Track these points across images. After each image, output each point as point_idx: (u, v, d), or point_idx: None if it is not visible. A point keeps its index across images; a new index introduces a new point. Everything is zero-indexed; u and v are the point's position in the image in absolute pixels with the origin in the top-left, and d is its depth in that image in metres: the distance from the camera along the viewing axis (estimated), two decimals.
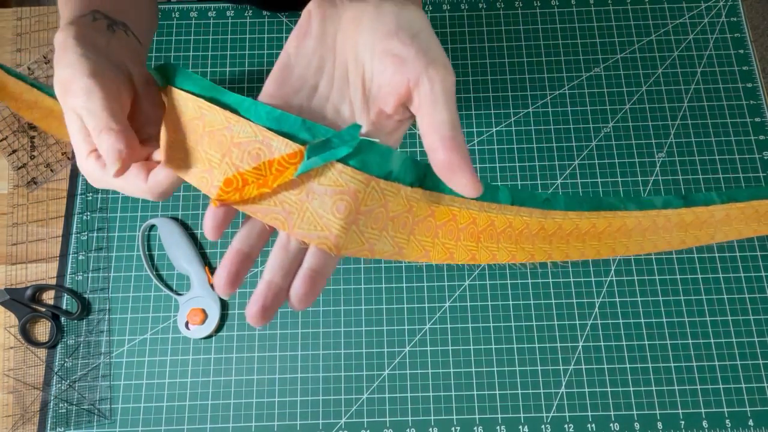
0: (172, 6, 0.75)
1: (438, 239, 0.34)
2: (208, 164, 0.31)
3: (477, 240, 0.35)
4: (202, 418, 0.59)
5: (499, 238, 0.36)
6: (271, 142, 0.30)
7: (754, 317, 0.62)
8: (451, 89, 0.30)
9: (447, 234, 0.34)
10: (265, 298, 0.31)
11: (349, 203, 0.30)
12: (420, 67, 0.30)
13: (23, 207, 0.66)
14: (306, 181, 0.30)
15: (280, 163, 0.30)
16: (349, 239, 0.30)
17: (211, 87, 0.32)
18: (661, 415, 0.58)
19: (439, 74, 0.30)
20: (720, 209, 0.48)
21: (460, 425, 0.58)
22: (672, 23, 0.74)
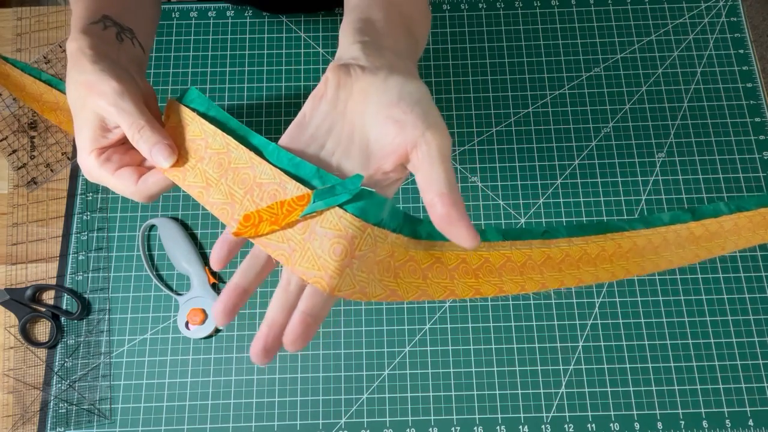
0: (172, 6, 0.75)
1: (429, 279, 0.36)
2: (230, 197, 0.35)
3: (475, 276, 0.37)
4: (202, 418, 0.59)
5: (500, 272, 0.37)
6: (287, 185, 0.33)
7: (754, 317, 0.62)
8: (446, 151, 0.33)
9: (437, 274, 0.36)
10: (266, 339, 0.33)
11: (345, 247, 0.32)
12: (418, 131, 0.33)
13: (23, 207, 0.66)
14: (310, 222, 0.33)
15: (290, 204, 0.33)
16: (343, 281, 0.32)
17: (240, 127, 0.36)
18: (661, 415, 0.58)
19: (436, 138, 0.33)
20: (728, 219, 0.49)
21: (460, 425, 0.58)
22: (672, 23, 0.74)
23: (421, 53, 0.46)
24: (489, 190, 0.66)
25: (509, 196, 0.66)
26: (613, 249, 0.41)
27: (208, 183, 0.35)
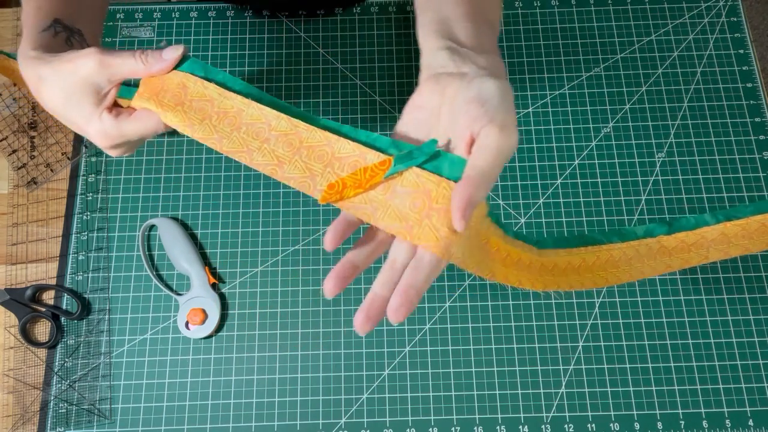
0: (172, 6, 0.75)
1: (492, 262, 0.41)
2: (309, 172, 0.39)
3: (528, 271, 0.42)
4: (202, 418, 0.59)
5: (518, 265, 0.42)
6: (367, 155, 0.38)
7: (754, 317, 0.62)
8: (503, 147, 0.36)
9: (505, 263, 0.42)
10: (369, 309, 0.36)
11: (423, 200, 0.36)
12: (481, 124, 0.36)
13: (23, 207, 0.66)
14: (391, 184, 0.37)
15: (372, 169, 0.37)
16: (422, 232, 0.36)
17: (306, 115, 0.41)
18: (661, 415, 0.58)
19: (495, 132, 0.36)
20: (712, 230, 0.50)
21: (460, 425, 0.58)
22: (672, 23, 0.74)
23: (498, 32, 0.48)
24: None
25: (509, 196, 0.66)
26: (592, 260, 0.45)
27: (280, 161, 0.39)
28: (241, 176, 0.67)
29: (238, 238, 0.65)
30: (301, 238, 0.65)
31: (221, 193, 0.67)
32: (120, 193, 0.67)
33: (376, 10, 0.75)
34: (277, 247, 0.65)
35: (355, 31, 0.73)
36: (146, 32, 0.73)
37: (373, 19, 0.74)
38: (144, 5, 0.75)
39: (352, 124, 0.69)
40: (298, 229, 0.65)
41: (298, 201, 0.66)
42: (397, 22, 0.74)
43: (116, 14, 0.74)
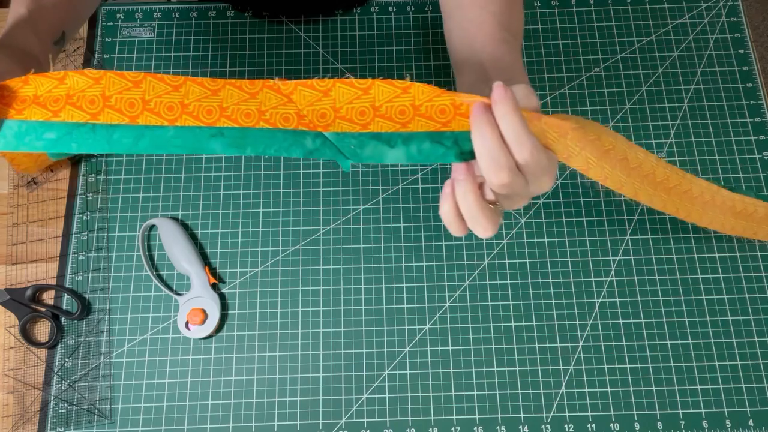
0: (172, 6, 0.75)
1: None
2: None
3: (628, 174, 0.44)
4: (202, 418, 0.59)
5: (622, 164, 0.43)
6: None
7: (754, 317, 0.62)
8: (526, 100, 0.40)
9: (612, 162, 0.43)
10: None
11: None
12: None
13: (23, 207, 0.66)
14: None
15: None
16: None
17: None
18: (661, 415, 0.58)
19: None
20: (761, 206, 0.54)
21: (460, 425, 0.58)
22: (672, 23, 0.74)
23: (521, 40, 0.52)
24: None
25: None
26: (674, 183, 0.46)
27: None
28: (241, 176, 0.67)
29: (238, 238, 0.65)
30: (301, 238, 0.65)
31: (221, 193, 0.67)
32: (120, 193, 0.67)
33: (376, 11, 0.75)
34: (277, 247, 0.65)
35: (355, 32, 0.73)
36: (146, 32, 0.73)
37: (373, 20, 0.74)
38: (144, 5, 0.75)
39: None
40: (298, 229, 0.65)
41: (298, 201, 0.66)
42: (397, 23, 0.74)
43: (116, 14, 0.74)
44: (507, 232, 0.65)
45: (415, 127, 0.39)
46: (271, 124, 0.39)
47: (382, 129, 0.39)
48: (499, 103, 0.37)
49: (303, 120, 0.40)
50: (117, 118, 0.39)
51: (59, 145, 0.39)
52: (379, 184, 0.67)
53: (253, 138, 0.39)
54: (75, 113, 0.39)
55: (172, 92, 0.39)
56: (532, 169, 0.38)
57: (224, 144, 0.39)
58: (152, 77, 0.39)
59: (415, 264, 0.64)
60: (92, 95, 0.39)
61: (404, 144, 0.39)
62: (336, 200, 0.66)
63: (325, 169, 0.67)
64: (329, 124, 0.40)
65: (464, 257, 0.64)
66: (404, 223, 0.65)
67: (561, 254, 0.64)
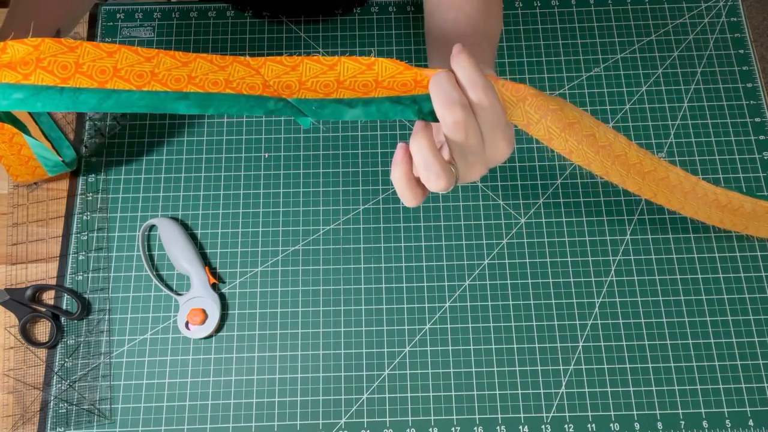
0: (173, 6, 0.75)
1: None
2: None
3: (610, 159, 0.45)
4: (202, 418, 0.59)
5: (606, 150, 0.45)
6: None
7: (754, 317, 0.62)
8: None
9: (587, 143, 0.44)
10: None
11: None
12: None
13: (23, 207, 0.66)
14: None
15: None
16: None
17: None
18: (661, 415, 0.58)
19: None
20: (748, 201, 0.54)
21: (460, 425, 0.58)
22: (672, 23, 0.74)
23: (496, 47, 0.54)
24: (489, 190, 0.66)
25: (509, 196, 0.66)
26: (649, 168, 0.47)
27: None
28: (241, 176, 0.67)
29: (238, 238, 0.65)
30: (301, 238, 0.65)
31: (221, 193, 0.67)
32: (120, 193, 0.67)
33: (376, 11, 0.75)
34: (277, 247, 0.65)
35: (355, 32, 0.73)
36: (146, 32, 0.73)
37: (373, 20, 0.74)
38: (144, 5, 0.75)
39: (352, 123, 0.69)
40: (298, 229, 0.65)
41: (298, 201, 0.66)
42: (397, 23, 0.74)
43: (116, 14, 0.74)
44: (507, 232, 0.65)
45: (376, 95, 0.41)
46: (237, 91, 0.41)
47: (344, 97, 0.41)
48: (455, 56, 0.39)
49: (268, 89, 0.41)
50: (86, 82, 0.40)
51: (25, 104, 0.40)
52: (379, 184, 0.67)
53: (216, 101, 0.41)
54: (45, 77, 0.40)
55: (143, 62, 0.40)
56: (487, 114, 0.39)
57: (188, 105, 0.40)
58: (127, 49, 0.40)
59: (415, 264, 0.64)
60: (65, 61, 0.40)
61: (364, 105, 0.41)
62: (336, 200, 0.66)
63: (325, 169, 0.67)
64: (293, 93, 0.41)
65: (464, 257, 0.64)
66: (404, 223, 0.65)
67: (561, 254, 0.64)
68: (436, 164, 0.39)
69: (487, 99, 0.39)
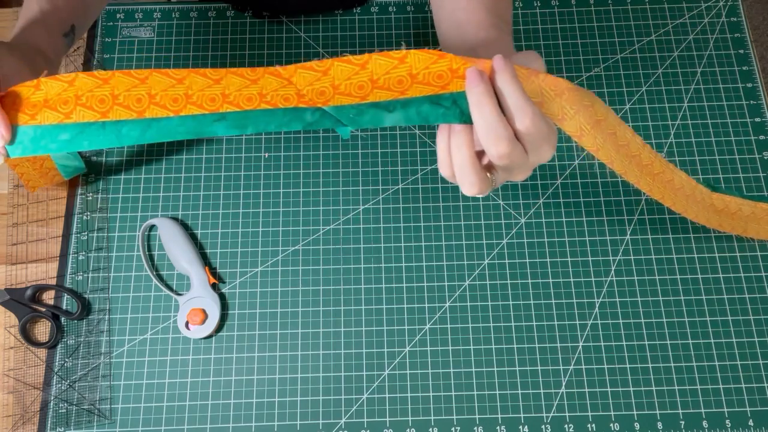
0: (172, 6, 0.75)
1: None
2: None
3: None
4: (202, 418, 0.59)
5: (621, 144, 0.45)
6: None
7: (754, 317, 0.62)
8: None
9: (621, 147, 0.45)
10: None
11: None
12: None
13: (23, 207, 0.66)
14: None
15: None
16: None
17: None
18: (661, 415, 0.58)
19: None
20: (746, 204, 0.55)
21: (460, 425, 0.58)
22: (672, 23, 0.74)
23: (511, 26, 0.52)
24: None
25: (509, 196, 0.66)
26: (659, 170, 0.47)
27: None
28: (241, 176, 0.67)
29: (238, 238, 0.65)
30: (301, 238, 0.65)
31: (221, 193, 0.67)
32: (120, 193, 0.67)
33: (376, 11, 0.75)
34: (277, 247, 0.65)
35: (355, 32, 0.73)
36: (146, 32, 0.73)
37: (373, 20, 0.74)
38: (144, 5, 0.75)
39: None
40: (298, 229, 0.65)
41: (298, 201, 0.66)
42: (397, 23, 0.74)
43: (116, 14, 0.74)
44: (507, 232, 0.65)
45: (413, 94, 0.40)
46: (272, 105, 0.40)
47: (381, 99, 0.40)
48: (498, 72, 0.37)
49: (303, 99, 0.40)
50: (125, 113, 0.40)
51: (72, 144, 0.40)
52: (379, 184, 0.67)
53: (254, 118, 0.40)
54: (86, 113, 0.40)
55: (176, 85, 0.40)
56: (532, 137, 0.38)
57: (226, 126, 0.40)
58: (158, 72, 0.40)
59: (415, 264, 0.64)
60: (101, 95, 0.40)
61: (403, 108, 0.40)
62: (336, 200, 0.66)
63: (325, 169, 0.67)
64: (328, 100, 0.40)
65: (464, 257, 0.64)
66: (404, 223, 0.65)
67: (561, 254, 0.64)
68: (472, 174, 0.38)
69: (534, 126, 0.37)
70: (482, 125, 0.37)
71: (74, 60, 0.72)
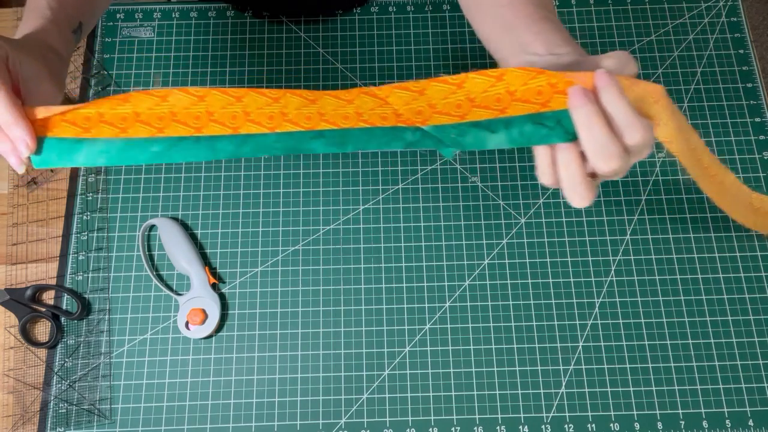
0: (172, 6, 0.75)
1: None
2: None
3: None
4: (202, 418, 0.59)
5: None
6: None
7: (754, 317, 0.62)
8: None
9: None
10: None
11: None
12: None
13: (23, 207, 0.66)
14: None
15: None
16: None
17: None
18: (661, 415, 0.58)
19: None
20: None
21: (460, 425, 0.58)
22: (672, 23, 0.74)
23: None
24: (489, 190, 0.66)
25: (509, 196, 0.66)
26: (715, 170, 0.49)
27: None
28: (241, 176, 0.67)
29: (238, 238, 0.65)
30: (301, 238, 0.65)
31: (221, 193, 0.67)
32: (120, 193, 0.67)
33: (376, 11, 0.75)
34: (277, 247, 0.65)
35: (355, 32, 0.73)
36: (146, 32, 0.73)
37: (373, 20, 0.74)
38: (144, 5, 0.75)
39: None
40: (298, 229, 0.65)
41: (298, 201, 0.66)
42: (397, 23, 0.74)
43: (116, 14, 0.74)
44: (507, 232, 0.65)
45: (513, 112, 0.39)
46: (369, 123, 0.41)
47: (480, 118, 0.40)
48: (604, 89, 0.37)
49: (400, 118, 0.41)
50: (219, 129, 0.41)
51: (162, 156, 0.41)
52: (379, 184, 0.67)
53: (353, 137, 0.41)
54: (179, 128, 0.41)
55: (272, 104, 0.41)
56: (640, 148, 0.37)
57: (324, 144, 0.41)
58: (254, 92, 0.41)
59: (415, 264, 0.64)
60: (197, 112, 0.41)
61: (506, 128, 0.39)
62: (336, 200, 0.66)
63: (325, 169, 0.67)
64: (426, 119, 0.40)
65: (464, 257, 0.64)
66: (404, 223, 0.65)
67: (561, 254, 0.64)
68: (583, 188, 0.38)
69: (644, 140, 0.37)
70: (592, 145, 0.37)
71: (74, 60, 0.72)
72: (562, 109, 0.38)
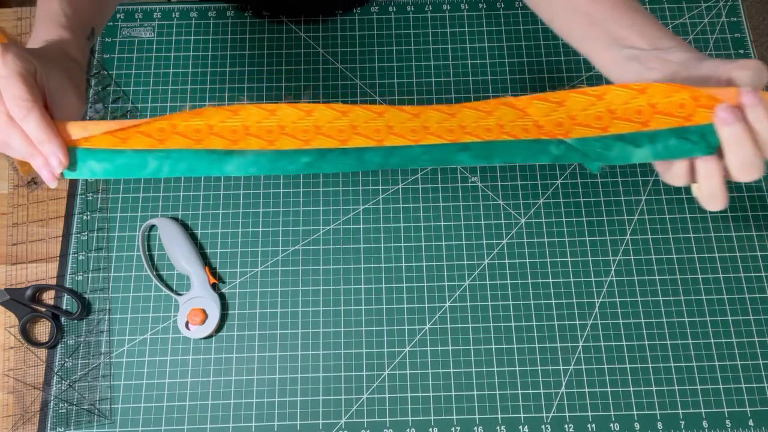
0: (172, 6, 0.75)
1: None
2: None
3: None
4: (202, 418, 0.59)
5: None
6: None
7: (754, 317, 0.62)
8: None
9: None
10: None
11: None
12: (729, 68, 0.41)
13: (23, 207, 0.66)
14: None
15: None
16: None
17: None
18: (661, 415, 0.58)
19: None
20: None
21: (460, 425, 0.58)
22: (672, 23, 0.74)
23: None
24: (489, 190, 0.66)
25: (509, 196, 0.66)
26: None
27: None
28: (241, 176, 0.67)
29: (238, 238, 0.65)
30: (301, 238, 0.65)
31: (221, 193, 0.67)
32: (120, 193, 0.67)
33: (376, 11, 0.75)
34: (277, 247, 0.65)
35: (355, 32, 0.73)
36: (146, 32, 0.73)
37: (373, 20, 0.74)
38: (144, 5, 0.75)
39: None
40: (298, 229, 0.65)
41: (298, 201, 0.66)
42: (397, 23, 0.74)
43: (116, 14, 0.74)
44: (507, 232, 0.65)
45: (656, 125, 0.40)
46: (512, 136, 0.41)
47: (622, 130, 0.40)
48: (751, 108, 0.38)
49: (541, 130, 0.41)
50: (362, 141, 0.42)
51: (312, 167, 0.42)
52: (379, 184, 0.67)
53: (498, 149, 0.42)
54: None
55: (413, 119, 0.42)
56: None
57: (471, 156, 0.42)
58: (395, 108, 0.42)
59: (415, 264, 0.64)
60: (340, 126, 0.42)
61: (650, 143, 0.40)
62: (336, 200, 0.66)
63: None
64: (567, 131, 0.41)
65: (464, 257, 0.64)
66: (404, 223, 0.65)
67: (561, 254, 0.64)
68: (724, 196, 0.39)
69: None
70: (737, 160, 0.38)
71: None
72: (706, 123, 0.39)
